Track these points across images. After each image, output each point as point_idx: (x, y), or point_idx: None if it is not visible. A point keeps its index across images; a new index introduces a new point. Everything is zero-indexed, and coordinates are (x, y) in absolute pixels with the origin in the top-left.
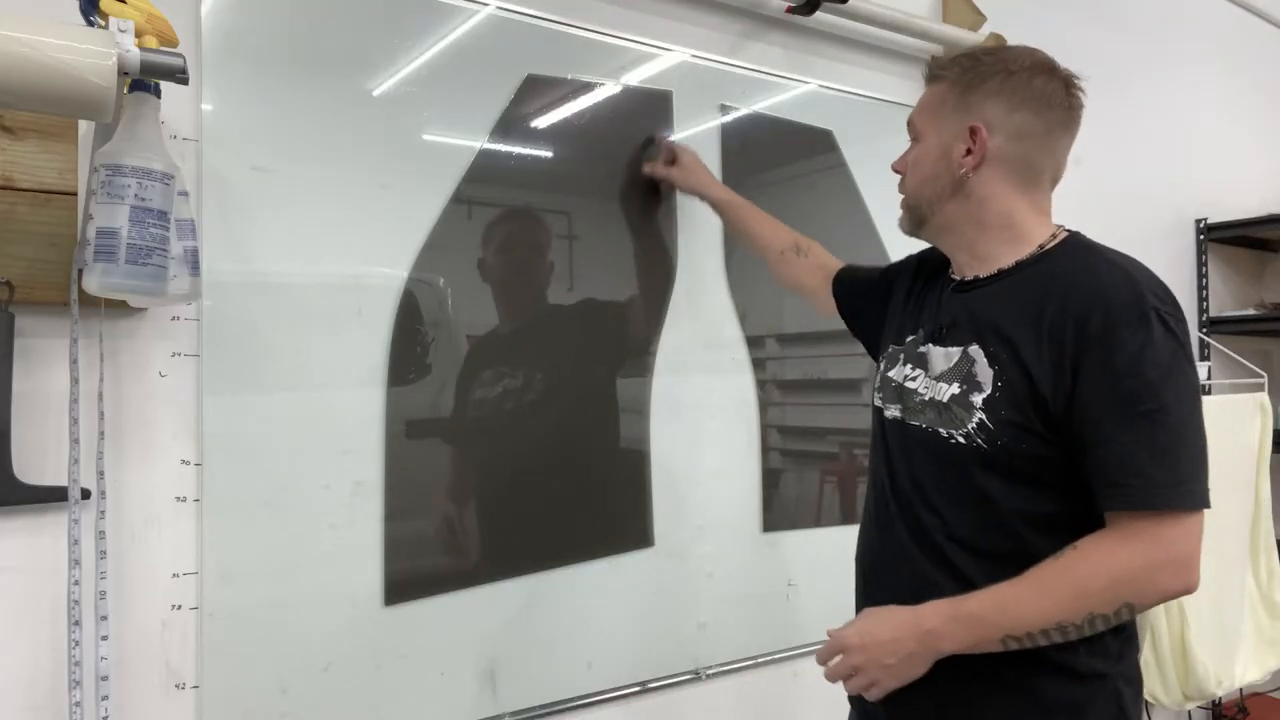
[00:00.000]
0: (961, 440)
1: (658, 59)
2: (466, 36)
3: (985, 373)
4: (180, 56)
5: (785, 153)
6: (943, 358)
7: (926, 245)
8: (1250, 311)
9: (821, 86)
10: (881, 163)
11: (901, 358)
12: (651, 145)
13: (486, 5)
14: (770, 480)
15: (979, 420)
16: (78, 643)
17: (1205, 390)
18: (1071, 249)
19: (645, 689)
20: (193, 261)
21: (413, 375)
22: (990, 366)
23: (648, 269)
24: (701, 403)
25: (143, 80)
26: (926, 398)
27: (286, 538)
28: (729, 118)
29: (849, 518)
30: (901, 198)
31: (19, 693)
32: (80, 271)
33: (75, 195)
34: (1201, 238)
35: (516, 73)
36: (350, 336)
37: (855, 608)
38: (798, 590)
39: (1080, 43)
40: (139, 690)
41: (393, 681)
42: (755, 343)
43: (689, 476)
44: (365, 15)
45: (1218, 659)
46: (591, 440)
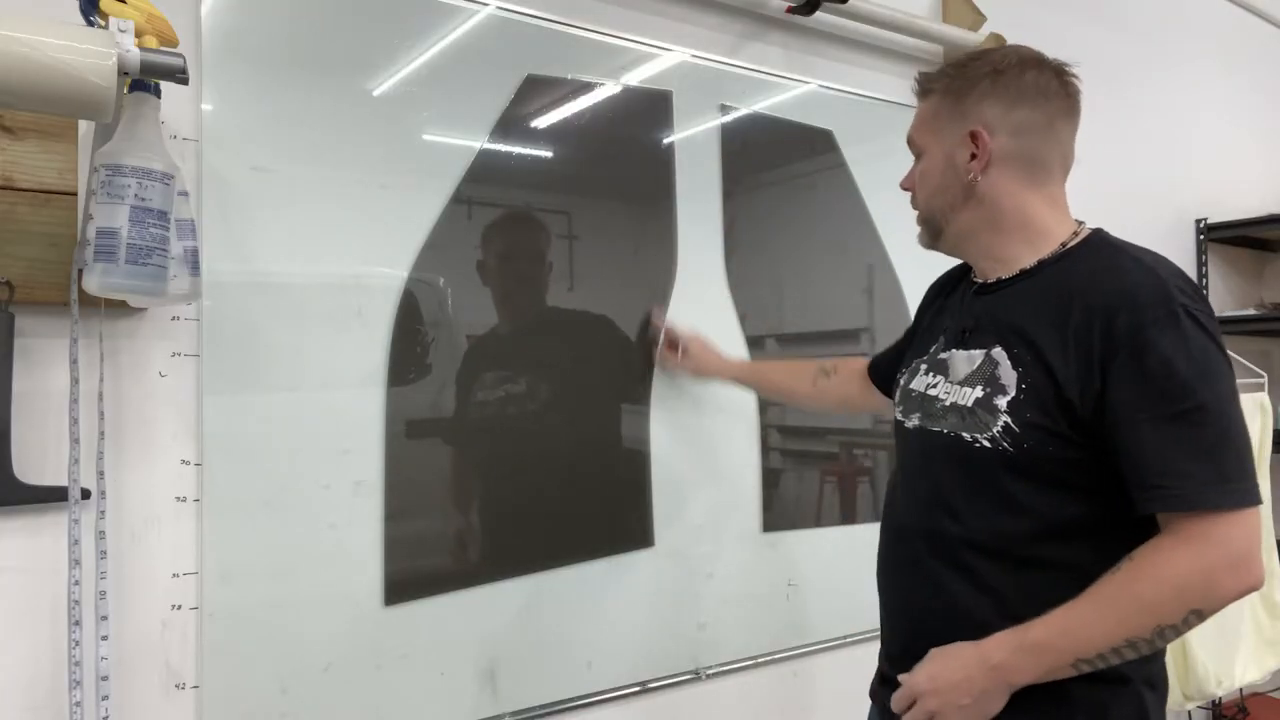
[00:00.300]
0: (986, 444)
1: (658, 59)
2: (466, 36)
3: (1009, 375)
4: (180, 56)
5: (785, 153)
6: (965, 361)
7: (932, 257)
8: (1250, 311)
9: (821, 86)
10: (881, 163)
11: (923, 368)
12: (649, 327)
13: (486, 5)
14: (770, 480)
15: (1004, 423)
16: (78, 643)
17: None
18: (1094, 246)
19: (645, 689)
20: (193, 261)
21: (413, 375)
22: (1014, 369)
23: (648, 269)
24: (702, 403)
25: (143, 80)
26: (948, 403)
27: (286, 538)
28: (729, 118)
29: (849, 518)
30: (916, 214)
31: (19, 693)
32: (80, 271)
33: (75, 195)
34: (1201, 238)
35: (516, 73)
36: (350, 336)
37: (880, 619)
38: (798, 590)
39: (1080, 43)
40: (139, 690)
41: (393, 681)
42: (755, 343)
43: (689, 476)
44: (365, 15)
45: (1218, 659)
46: (591, 440)
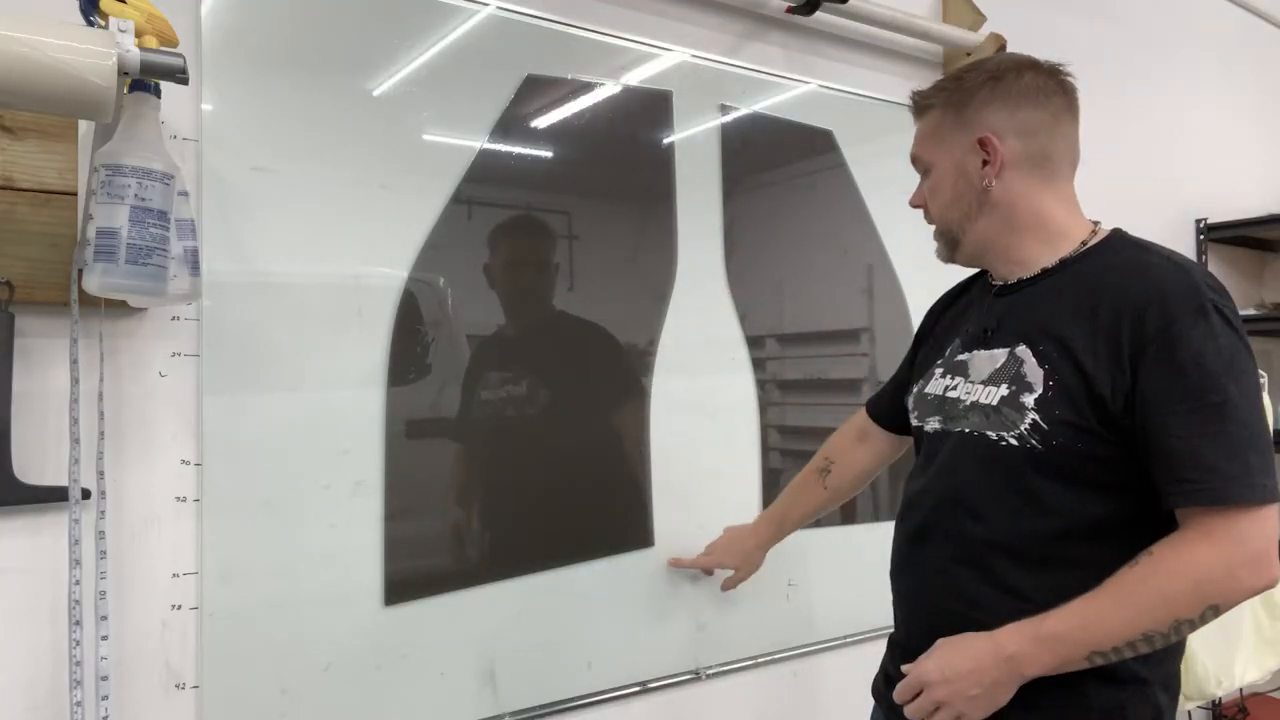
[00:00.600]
0: (1013, 442)
1: (658, 59)
2: (466, 36)
3: (1035, 373)
4: (180, 56)
5: (785, 153)
6: (988, 360)
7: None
8: (1250, 311)
9: (821, 86)
10: (881, 163)
11: (939, 372)
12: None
13: (486, 5)
14: (770, 480)
15: (1032, 421)
16: (78, 643)
17: None
18: (1119, 245)
19: (645, 689)
20: (193, 261)
21: (413, 375)
22: (1040, 366)
23: (648, 269)
24: (701, 402)
25: (143, 80)
26: (969, 402)
27: (286, 538)
28: (729, 118)
29: (849, 518)
30: (932, 229)
31: (19, 693)
32: (80, 271)
33: (75, 195)
34: (1201, 238)
35: (516, 73)
36: (350, 336)
37: (894, 624)
38: (798, 590)
39: (1081, 43)
40: (139, 690)
41: (393, 681)
42: (755, 343)
43: (689, 476)
44: (365, 15)
45: (1218, 659)
46: (591, 440)
